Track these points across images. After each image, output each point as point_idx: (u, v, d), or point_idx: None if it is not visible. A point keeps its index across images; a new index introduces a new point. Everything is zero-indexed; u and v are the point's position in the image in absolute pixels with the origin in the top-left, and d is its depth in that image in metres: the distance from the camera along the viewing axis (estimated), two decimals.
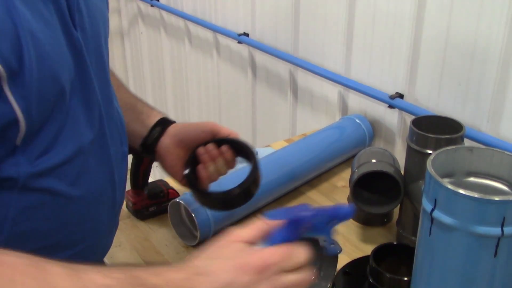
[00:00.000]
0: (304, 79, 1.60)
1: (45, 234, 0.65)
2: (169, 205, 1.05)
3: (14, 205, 0.61)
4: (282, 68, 1.67)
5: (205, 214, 1.01)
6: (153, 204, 1.12)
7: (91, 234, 0.71)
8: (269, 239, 0.60)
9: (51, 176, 0.62)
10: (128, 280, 0.53)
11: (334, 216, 0.61)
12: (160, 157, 0.87)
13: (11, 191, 0.60)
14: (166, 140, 0.86)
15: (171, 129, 0.87)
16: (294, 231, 0.60)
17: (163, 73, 2.45)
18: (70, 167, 0.64)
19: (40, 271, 0.51)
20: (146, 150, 0.88)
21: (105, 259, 0.86)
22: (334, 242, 0.93)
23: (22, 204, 0.61)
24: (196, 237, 1.02)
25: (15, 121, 0.56)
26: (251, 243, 0.60)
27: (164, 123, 0.88)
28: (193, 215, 0.99)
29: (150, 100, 2.66)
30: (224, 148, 0.83)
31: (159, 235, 1.08)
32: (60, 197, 0.64)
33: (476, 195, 0.56)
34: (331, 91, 1.50)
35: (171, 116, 1.17)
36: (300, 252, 0.60)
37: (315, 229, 0.62)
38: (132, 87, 2.81)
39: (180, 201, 1.02)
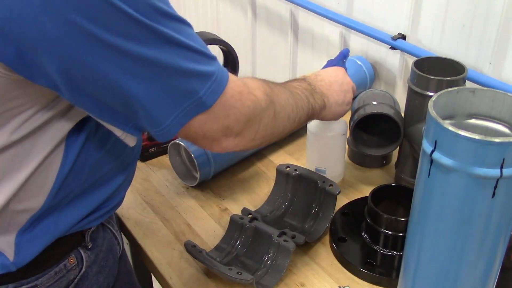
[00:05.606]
0: (305, 19, 1.57)
1: (121, 150, 0.75)
2: (169, 146, 1.06)
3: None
4: (283, 8, 1.63)
5: (205, 155, 1.01)
6: (153, 145, 1.12)
7: (139, 148, 0.82)
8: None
9: None
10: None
11: (344, 55, 1.03)
12: None
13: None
14: None
15: None
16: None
17: None
18: None
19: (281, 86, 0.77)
20: None
21: None
22: (333, 184, 0.94)
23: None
24: (196, 178, 1.03)
25: None
26: None
27: None
28: (193, 156, 1.00)
29: None
30: None
31: (160, 175, 1.09)
32: None
33: (476, 137, 0.56)
34: (333, 31, 1.47)
35: None
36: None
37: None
38: None
39: (180, 142, 1.02)
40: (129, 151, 0.78)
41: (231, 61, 0.99)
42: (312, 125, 1.02)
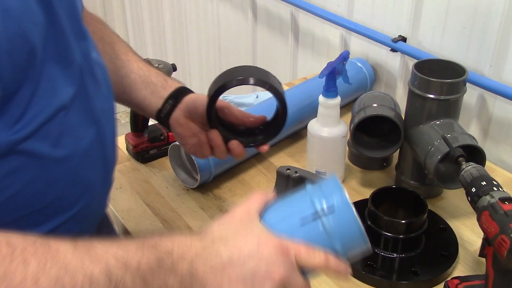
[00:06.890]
0: (306, 21, 1.57)
1: (32, 198, 0.62)
2: (169, 148, 1.06)
3: None
4: (284, 10, 1.63)
5: None
6: (153, 147, 1.13)
7: (85, 195, 0.68)
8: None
9: (32, 138, 0.59)
10: (141, 247, 0.53)
11: (344, 57, 0.97)
12: (172, 127, 0.86)
13: None
14: (177, 112, 0.85)
15: (183, 101, 0.85)
16: (334, 76, 0.98)
17: (162, 14, 2.41)
18: (51, 127, 0.61)
19: (48, 250, 0.50)
20: (160, 122, 0.87)
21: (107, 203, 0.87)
22: None
23: (4, 169, 0.57)
24: (196, 180, 1.03)
25: None
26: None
27: (178, 95, 0.85)
28: (193, 158, 1.00)
29: (149, 45, 2.63)
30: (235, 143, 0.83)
31: (160, 177, 1.09)
32: (42, 159, 0.61)
33: None
34: (333, 34, 1.47)
35: (170, 61, 1.15)
36: (319, 257, 0.58)
37: (339, 71, 0.98)
38: (130, 32, 2.77)
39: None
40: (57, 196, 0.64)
41: (280, 117, 0.83)
42: (313, 127, 1.02)
